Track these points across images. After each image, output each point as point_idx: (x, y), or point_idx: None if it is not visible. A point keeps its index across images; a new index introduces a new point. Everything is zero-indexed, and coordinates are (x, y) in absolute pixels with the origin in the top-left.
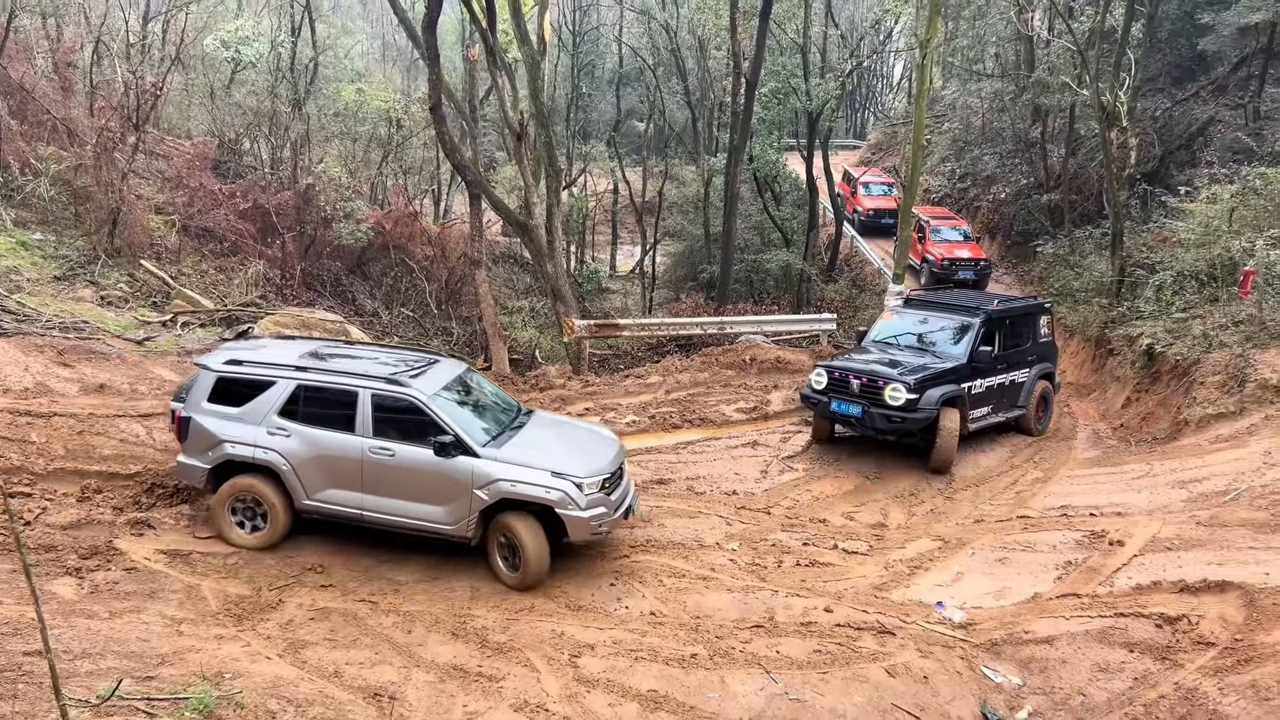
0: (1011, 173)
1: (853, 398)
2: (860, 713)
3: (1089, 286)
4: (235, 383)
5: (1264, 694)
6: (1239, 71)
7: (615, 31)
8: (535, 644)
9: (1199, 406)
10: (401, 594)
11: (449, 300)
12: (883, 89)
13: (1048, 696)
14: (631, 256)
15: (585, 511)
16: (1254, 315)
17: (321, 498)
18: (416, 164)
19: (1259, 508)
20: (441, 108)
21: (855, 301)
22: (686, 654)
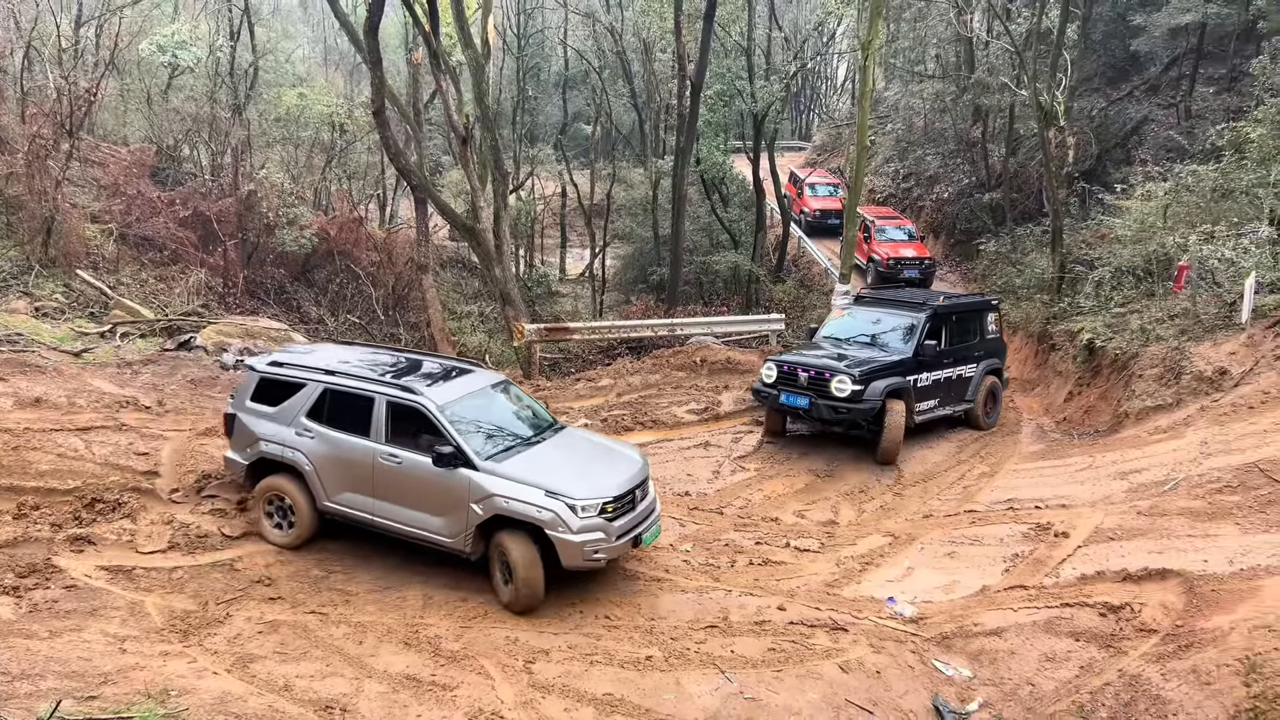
0: (954, 172)
1: (801, 390)
2: (814, 709)
3: (1030, 283)
4: (274, 383)
5: (1204, 678)
6: (1170, 71)
7: (560, 34)
8: (489, 651)
9: (1138, 399)
10: (352, 605)
11: (396, 306)
12: (827, 91)
13: (997, 687)
14: (581, 259)
15: (577, 535)
16: (1188, 309)
17: (339, 500)
18: (361, 169)
19: (1196, 496)
20: (385, 112)
21: (803, 301)
22: (642, 656)
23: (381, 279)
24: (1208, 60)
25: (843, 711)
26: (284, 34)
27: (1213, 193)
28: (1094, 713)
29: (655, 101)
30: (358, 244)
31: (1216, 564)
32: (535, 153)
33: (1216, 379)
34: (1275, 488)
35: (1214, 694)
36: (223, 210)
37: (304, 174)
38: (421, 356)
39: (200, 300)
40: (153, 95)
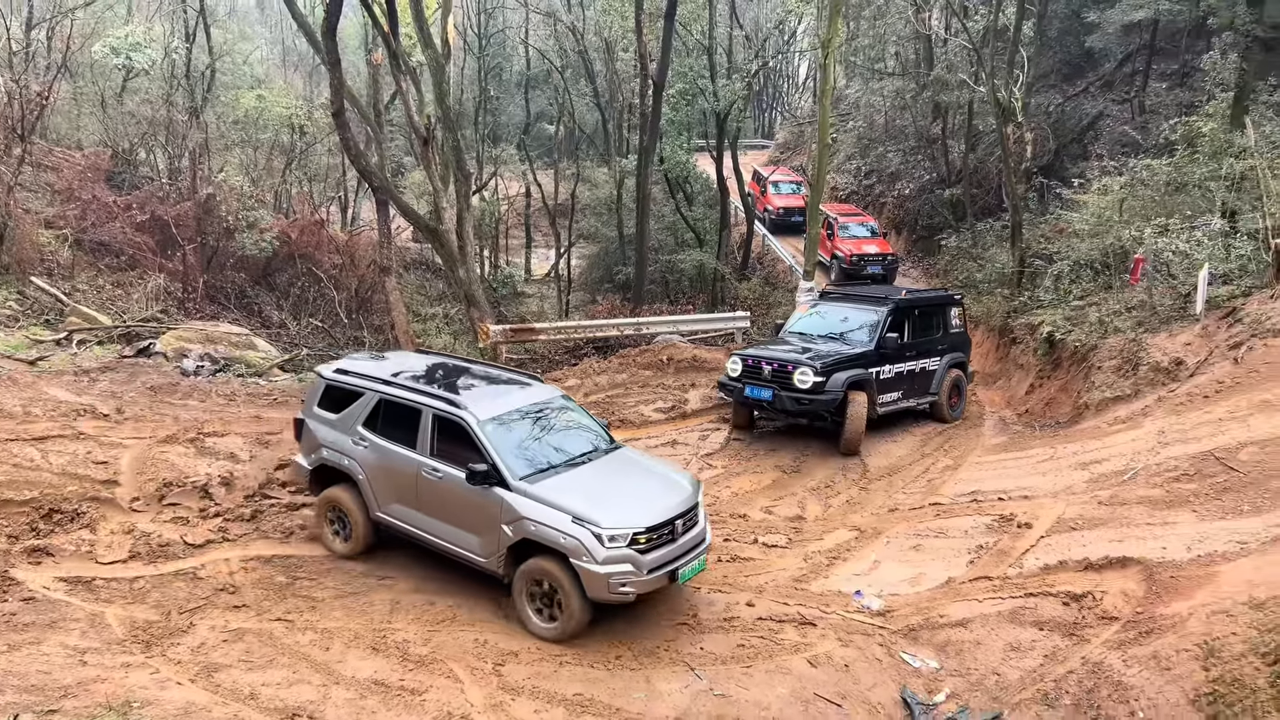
0: (915, 169)
1: (765, 383)
2: (784, 704)
3: (991, 278)
4: (338, 391)
5: (1164, 664)
6: (1124, 67)
7: (521, 34)
8: (458, 654)
9: (1097, 390)
10: (319, 611)
11: (360, 309)
12: (789, 89)
13: (964, 678)
14: (546, 260)
15: (601, 566)
16: (1145, 301)
17: (388, 511)
18: (322, 171)
19: (1155, 485)
20: (345, 113)
21: (768, 299)
22: (611, 656)
23: (344, 282)
24: (1160, 56)
25: (812, 705)
26: (241, 35)
27: (1167, 186)
28: (1058, 700)
29: (618, 101)
30: (319, 247)
31: (1175, 551)
32: (498, 153)
33: (1173, 369)
34: (1231, 475)
35: (1174, 679)
36: (181, 214)
37: (264, 177)
38: (486, 368)
39: (159, 306)
40: (107, 98)
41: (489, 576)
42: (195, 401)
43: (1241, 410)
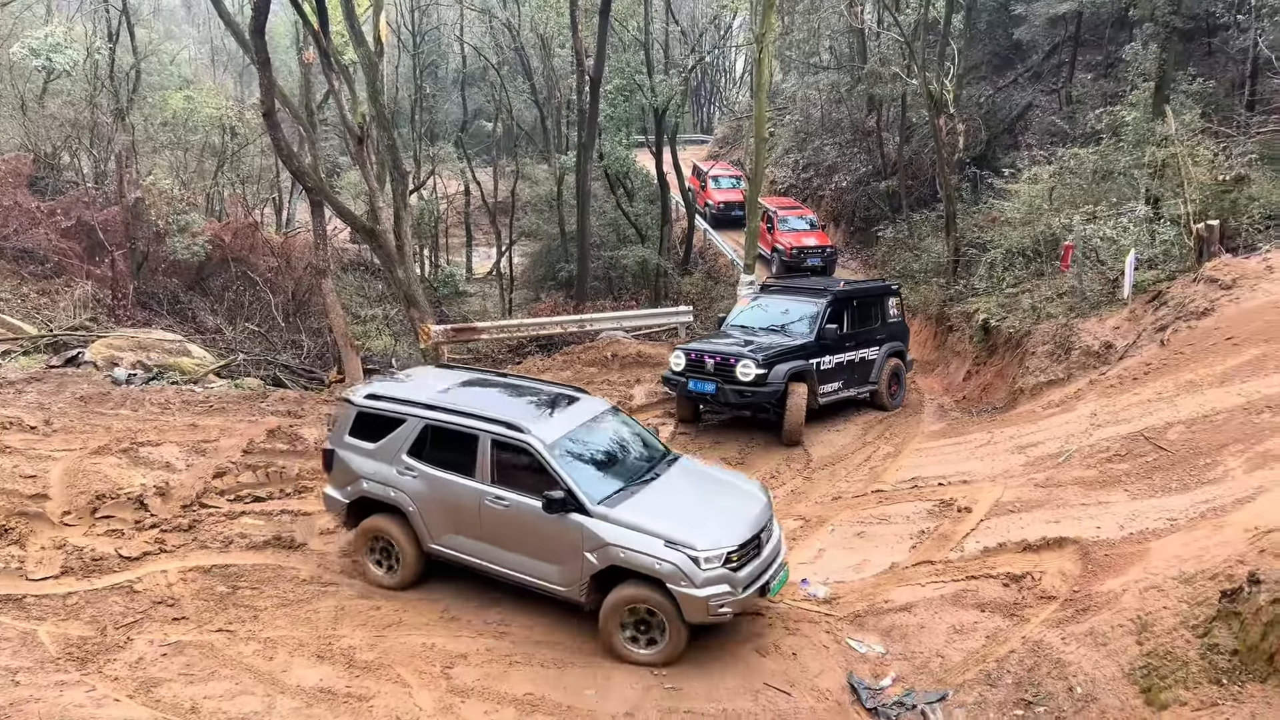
0: (851, 161)
1: (708, 376)
2: (734, 695)
3: (928, 267)
4: (373, 418)
5: (1100, 640)
6: (1052, 59)
7: (456, 31)
8: (406, 659)
9: (1032, 375)
10: (261, 620)
11: (297, 312)
12: (726, 84)
13: (909, 661)
14: (488, 258)
15: (700, 590)
16: (1075, 287)
17: (444, 543)
18: (255, 172)
19: (1088, 466)
20: (276, 113)
21: (711, 293)
22: (562, 653)
23: (280, 285)
24: (1085, 47)
25: (761, 695)
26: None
27: (1094, 175)
28: (1000, 680)
29: (556, 97)
30: (254, 250)
31: (1109, 530)
32: (436, 151)
33: (1103, 352)
34: (1160, 454)
35: (1110, 654)
36: (108, 219)
37: (195, 179)
38: (525, 382)
39: (88, 314)
40: (27, 101)
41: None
42: (128, 411)
43: (1169, 391)
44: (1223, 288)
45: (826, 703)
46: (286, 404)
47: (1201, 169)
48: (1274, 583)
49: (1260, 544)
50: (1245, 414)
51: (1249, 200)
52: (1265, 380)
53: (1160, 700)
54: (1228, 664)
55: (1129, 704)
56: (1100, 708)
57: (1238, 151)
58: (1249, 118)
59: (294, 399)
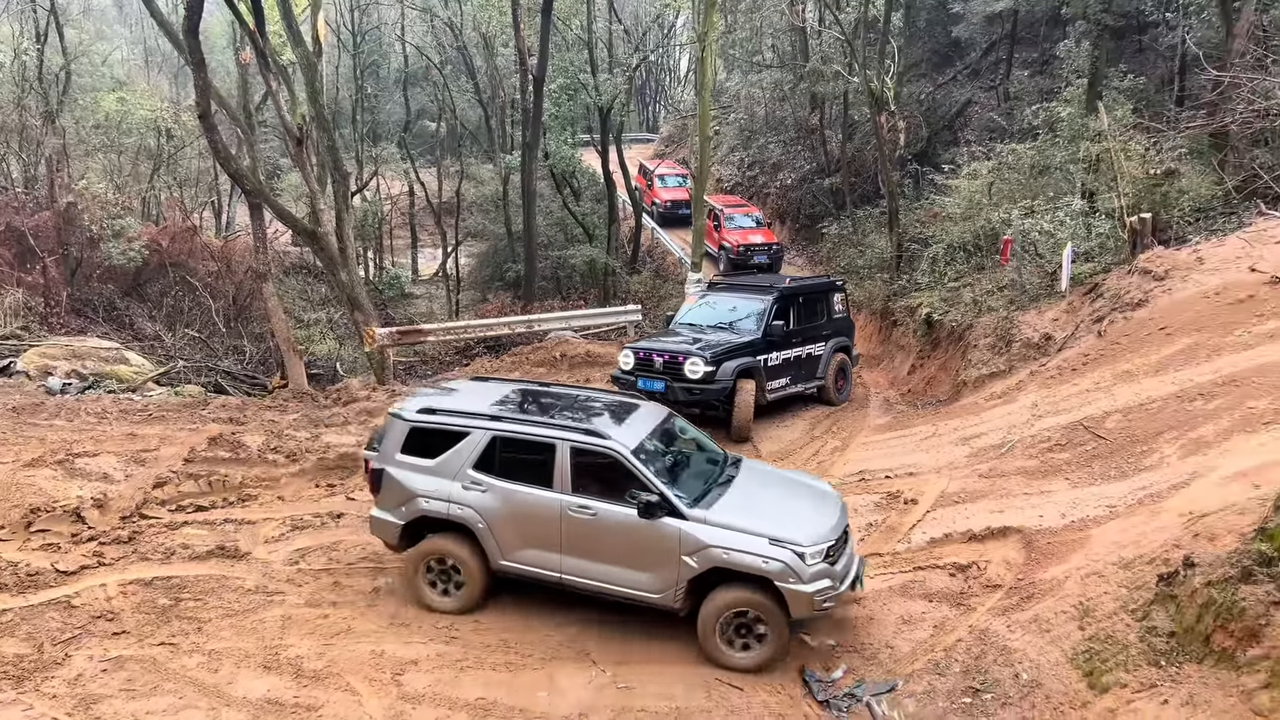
0: (796, 159)
1: (657, 375)
2: (687, 691)
3: (872, 263)
4: (429, 433)
5: (1044, 626)
6: (989, 56)
7: (397, 30)
8: (355, 667)
9: (974, 368)
10: (205, 632)
11: (238, 317)
12: (671, 82)
13: (859, 653)
14: (434, 259)
15: (809, 585)
16: (1015, 280)
17: (518, 558)
18: (193, 175)
19: (1030, 456)
20: (212, 115)
21: (659, 291)
22: (514, 656)
23: (221, 289)
24: (1022, 45)
25: (714, 690)
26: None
27: (1031, 170)
28: (948, 668)
29: (500, 96)
30: (193, 254)
31: (1050, 518)
32: (378, 152)
33: (1043, 344)
34: (1099, 443)
35: (1054, 640)
36: (39, 225)
37: (130, 183)
38: (575, 391)
39: (19, 322)
40: None
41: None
42: (63, 421)
43: (1106, 381)
44: (1156, 279)
45: (779, 696)
46: (229, 411)
47: (1134, 163)
48: (1208, 566)
49: (1194, 528)
50: (1179, 402)
51: (1179, 193)
52: (1197, 369)
53: (1102, 683)
54: (1166, 646)
55: (1072, 688)
56: (1045, 692)
57: (1168, 146)
58: (1178, 113)
59: (236, 406)
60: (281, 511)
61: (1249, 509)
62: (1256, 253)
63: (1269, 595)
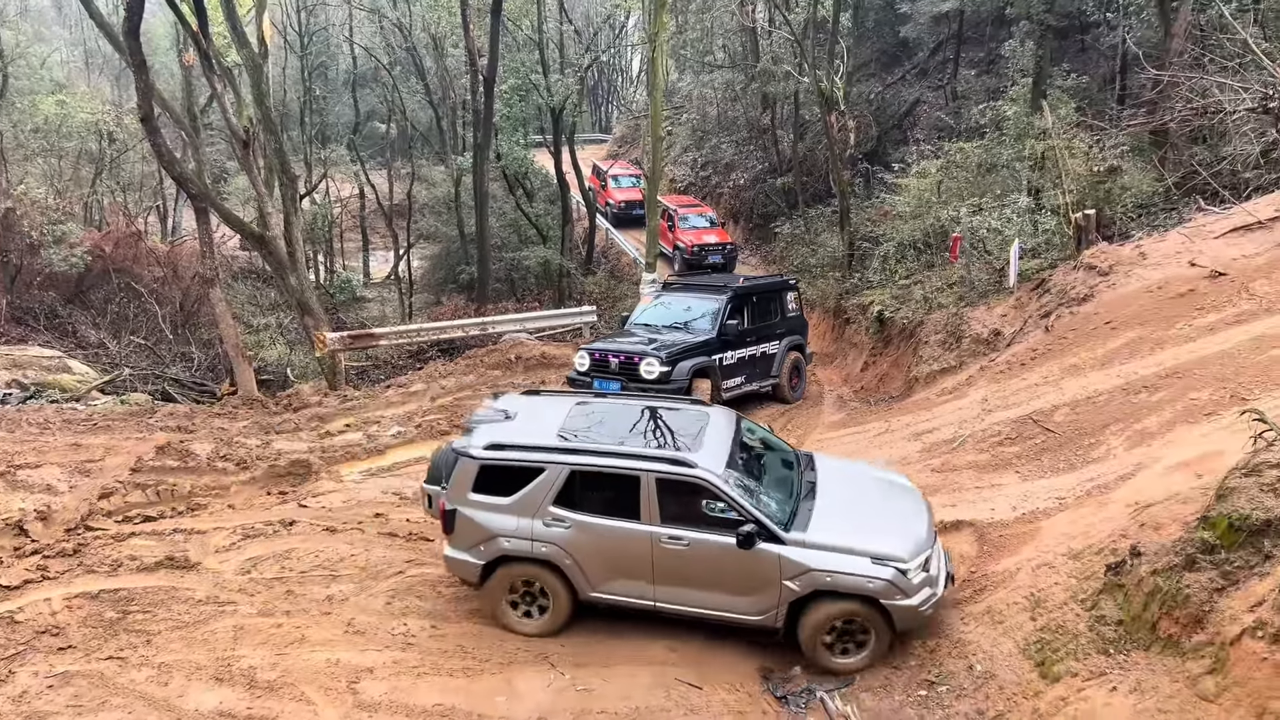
0: (748, 159)
1: (613, 375)
2: (646, 692)
3: (824, 261)
4: (501, 470)
5: (997, 618)
6: (937, 56)
7: (345, 32)
8: (309, 676)
9: (925, 364)
10: (155, 645)
11: (186, 323)
12: (623, 83)
13: None
14: (386, 262)
15: (913, 599)
16: (964, 277)
17: (608, 589)
18: (136, 179)
19: (981, 450)
20: (155, 118)
21: (614, 292)
22: (471, 662)
23: (167, 296)
24: (968, 45)
25: (673, 690)
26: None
27: (978, 168)
28: (904, 662)
29: (451, 98)
30: (138, 260)
31: (1002, 511)
32: (328, 154)
33: (992, 340)
34: (1048, 436)
35: (1006, 631)
36: None
37: (71, 188)
38: (635, 400)
39: None
40: None
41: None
42: (3, 432)
43: (1054, 375)
44: (1100, 274)
45: (738, 694)
46: (177, 419)
47: (1078, 161)
48: (1154, 555)
49: (1140, 518)
50: (1124, 394)
51: (1122, 190)
52: (1141, 361)
53: (1054, 673)
54: (1114, 634)
55: (1025, 678)
56: (999, 683)
57: (1110, 144)
58: (1120, 111)
59: (185, 413)
60: (232, 520)
61: (1192, 498)
62: (1196, 248)
63: (1212, 582)
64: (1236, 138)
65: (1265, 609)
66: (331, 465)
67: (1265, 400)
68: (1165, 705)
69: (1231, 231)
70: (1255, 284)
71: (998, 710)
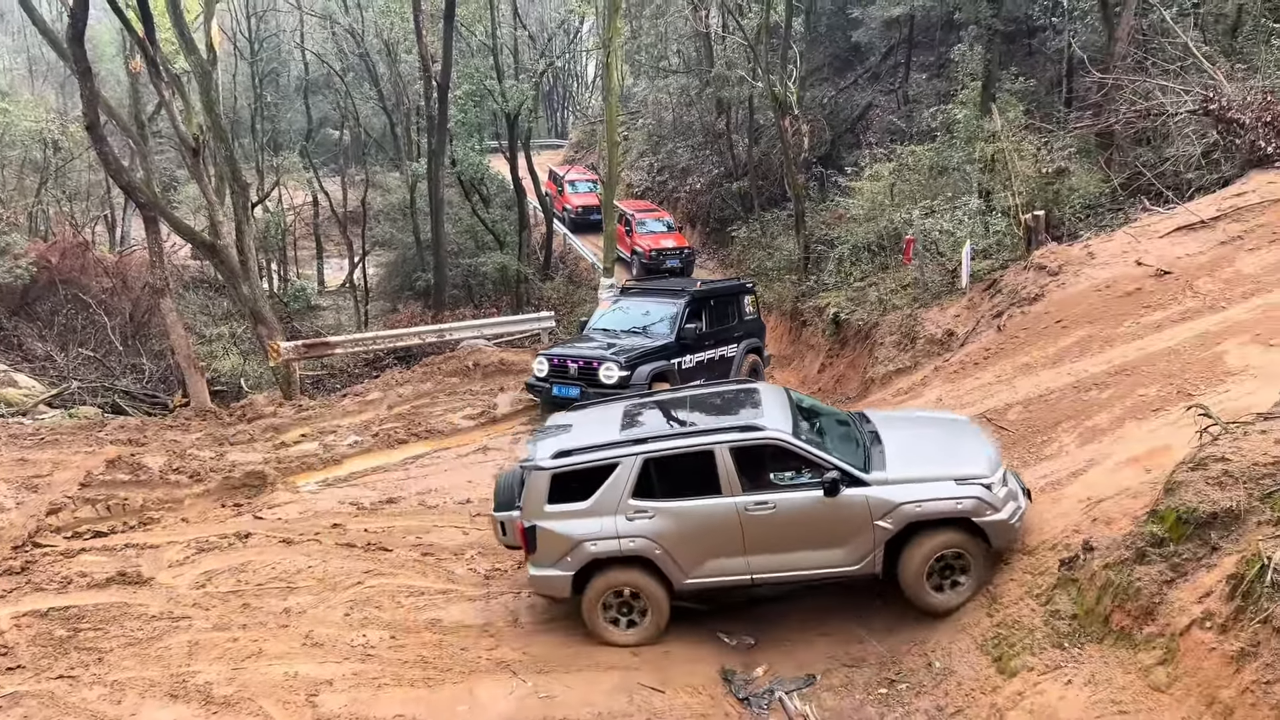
0: (704, 163)
1: (572, 381)
2: (608, 697)
3: (780, 264)
4: (573, 475)
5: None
6: (888, 60)
7: (297, 38)
8: (267, 690)
9: (881, 365)
10: (107, 662)
11: (136, 335)
12: (579, 88)
13: (778, 648)
14: (341, 270)
15: (1003, 512)
16: (917, 278)
17: (702, 572)
18: (83, 188)
19: None
20: (101, 126)
21: (572, 297)
22: (432, 672)
23: (117, 306)
24: (919, 49)
25: (636, 695)
26: None
27: (930, 170)
28: (864, 660)
29: (405, 104)
30: (85, 270)
31: None
32: (280, 161)
33: (946, 340)
34: (1001, 434)
35: (963, 628)
36: None
37: (15, 197)
38: (682, 393)
39: None
40: None
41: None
42: None
43: (1007, 374)
44: (1050, 274)
45: (700, 697)
46: (128, 432)
47: (1026, 163)
48: (1105, 549)
49: (1092, 513)
50: (1075, 392)
51: (1070, 191)
52: (1091, 359)
53: (1011, 668)
54: (1068, 628)
55: (983, 673)
56: (957, 679)
57: (1058, 146)
58: (1067, 114)
59: (136, 426)
60: (186, 534)
61: (1141, 492)
62: (1142, 247)
63: (1161, 575)
64: (1179, 139)
65: (1213, 600)
66: (287, 476)
67: (1210, 395)
68: (1118, 697)
69: (1175, 231)
70: (1199, 282)
71: (957, 706)
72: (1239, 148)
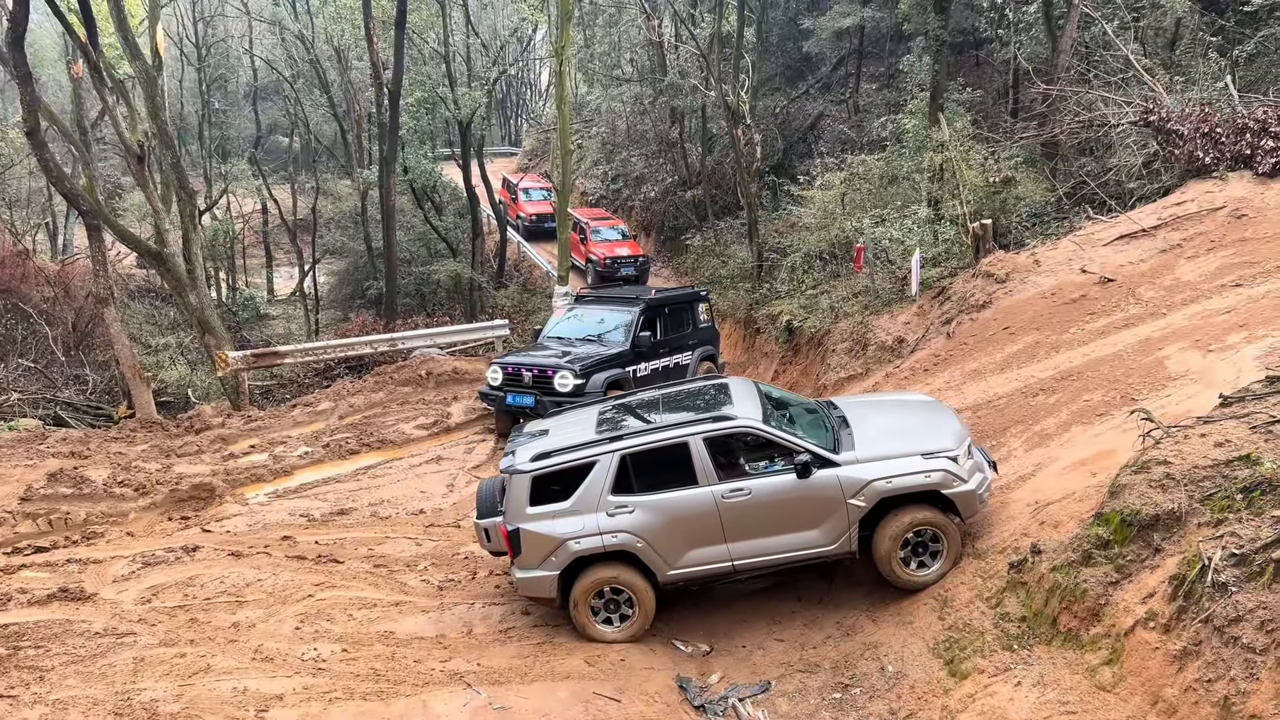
0: (658, 172)
1: (526, 389)
2: (565, 707)
3: (734, 273)
4: (553, 476)
5: (907, 619)
6: (839, 70)
7: (245, 44)
8: (215, 706)
9: (833, 371)
10: (48, 681)
11: (79, 345)
12: (533, 96)
13: (732, 655)
14: (291, 278)
15: (970, 483)
16: (868, 286)
17: (684, 564)
18: (23, 196)
19: None
20: (41, 132)
21: (527, 305)
22: (385, 685)
23: (59, 316)
24: (869, 59)
25: (591, 704)
26: None
27: (880, 180)
28: (819, 666)
29: (356, 110)
30: (25, 279)
31: None
32: (228, 169)
33: (896, 347)
34: None
35: (915, 632)
36: None
37: None
38: (658, 393)
39: None
40: None
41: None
42: None
43: (956, 380)
44: (998, 281)
45: (656, 705)
46: (70, 444)
47: (974, 172)
48: (1053, 551)
49: (1040, 516)
50: (1023, 397)
51: (1016, 200)
52: (1038, 365)
53: (962, 670)
54: (1018, 630)
55: (934, 676)
56: (910, 683)
57: (1005, 155)
58: (1013, 124)
59: (79, 438)
60: (131, 548)
61: (1087, 496)
62: (1086, 255)
63: (1106, 576)
64: (1121, 149)
65: (1156, 600)
66: (236, 488)
67: (1152, 400)
68: (1066, 697)
69: (1118, 239)
70: (1141, 289)
71: (910, 709)
72: (1178, 158)
